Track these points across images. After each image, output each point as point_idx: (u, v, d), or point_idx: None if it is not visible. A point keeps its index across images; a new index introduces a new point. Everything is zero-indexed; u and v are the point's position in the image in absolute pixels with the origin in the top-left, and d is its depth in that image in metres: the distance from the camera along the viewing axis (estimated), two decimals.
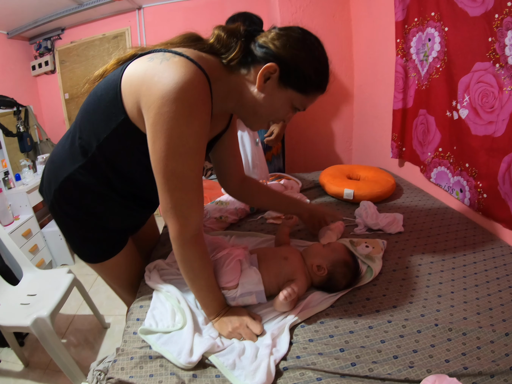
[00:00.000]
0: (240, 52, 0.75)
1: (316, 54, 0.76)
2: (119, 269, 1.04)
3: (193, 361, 0.71)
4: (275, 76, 0.73)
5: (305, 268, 0.95)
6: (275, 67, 0.72)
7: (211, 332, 0.81)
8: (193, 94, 0.64)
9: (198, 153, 0.71)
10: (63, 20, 2.70)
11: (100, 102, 0.75)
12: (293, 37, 0.74)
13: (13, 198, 2.42)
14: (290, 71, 0.73)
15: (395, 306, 0.90)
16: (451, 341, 0.77)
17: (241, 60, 0.76)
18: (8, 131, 2.47)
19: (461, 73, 1.25)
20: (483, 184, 1.23)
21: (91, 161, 0.80)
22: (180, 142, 0.66)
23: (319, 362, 0.72)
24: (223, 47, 0.76)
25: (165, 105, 0.63)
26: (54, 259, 2.68)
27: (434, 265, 1.07)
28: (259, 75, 0.73)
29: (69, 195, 0.87)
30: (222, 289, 0.87)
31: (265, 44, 0.74)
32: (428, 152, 1.59)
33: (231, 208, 1.40)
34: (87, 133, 0.79)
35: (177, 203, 0.72)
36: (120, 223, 0.97)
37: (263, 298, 0.89)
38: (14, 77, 2.75)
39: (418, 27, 1.53)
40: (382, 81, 2.03)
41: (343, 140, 2.72)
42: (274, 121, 0.85)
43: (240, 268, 0.90)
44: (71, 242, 0.99)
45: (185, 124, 0.65)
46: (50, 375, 1.64)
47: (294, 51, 0.73)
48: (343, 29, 2.37)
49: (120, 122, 0.73)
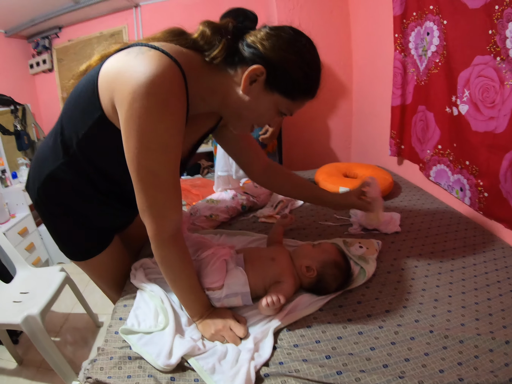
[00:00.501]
0: (224, 51, 0.70)
1: (306, 57, 0.71)
2: (104, 267, 1.03)
3: (171, 364, 0.69)
4: (261, 79, 0.70)
5: (294, 270, 0.91)
6: (262, 70, 0.68)
7: (193, 334, 0.78)
8: (165, 89, 0.61)
9: (172, 150, 0.68)
10: (61, 19, 2.68)
11: (79, 98, 0.74)
12: (283, 38, 0.70)
13: (10, 196, 2.42)
14: (278, 75, 0.69)
15: (388, 311, 0.85)
16: (447, 349, 0.73)
17: (227, 59, 0.72)
18: (5, 130, 2.46)
19: (461, 68, 1.20)
20: (484, 183, 1.19)
21: (72, 159, 0.79)
22: (152, 138, 0.64)
23: (303, 369, 0.68)
24: (206, 44, 0.71)
25: (136, 100, 0.60)
26: (51, 257, 2.67)
27: (431, 267, 1.03)
28: (245, 77, 0.69)
29: (52, 192, 0.86)
30: (207, 290, 0.84)
31: (253, 44, 0.70)
32: (427, 150, 1.54)
33: (222, 206, 1.37)
34: (68, 129, 0.77)
35: (153, 203, 0.69)
36: (105, 221, 0.96)
37: (248, 300, 0.86)
38: (12, 75, 2.75)
39: (417, 21, 1.48)
40: (380, 77, 1.99)
41: (342, 138, 2.67)
42: (258, 125, 0.82)
43: (226, 269, 0.87)
44: (56, 240, 0.97)
45: (157, 120, 0.63)
46: (43, 373, 1.63)
47: (283, 53, 0.69)
48: (341, 25, 2.32)
49: (96, 119, 0.70)
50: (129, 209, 0.98)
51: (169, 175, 0.69)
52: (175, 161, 0.70)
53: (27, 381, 1.59)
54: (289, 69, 0.69)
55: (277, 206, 1.41)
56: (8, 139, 2.55)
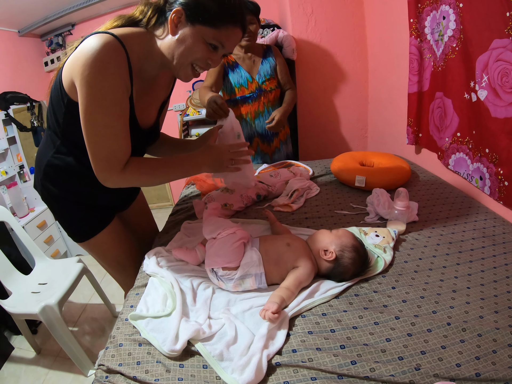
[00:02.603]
0: (154, 13, 0.85)
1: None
2: (105, 246, 1.12)
3: (176, 349, 0.69)
4: (183, 19, 0.80)
5: (311, 254, 0.91)
6: (181, 10, 0.79)
7: (198, 316, 0.79)
8: (107, 55, 0.74)
9: (119, 103, 0.80)
10: (73, 16, 2.71)
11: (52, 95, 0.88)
12: None
13: (28, 191, 2.48)
14: (194, 9, 0.79)
15: (404, 301, 0.83)
16: (464, 342, 0.70)
17: (158, 20, 0.85)
18: (22, 126, 2.52)
19: (479, 52, 1.15)
20: (504, 171, 1.14)
21: (61, 146, 0.93)
22: (101, 95, 0.76)
23: (316, 358, 0.67)
24: (141, 14, 0.87)
25: (86, 69, 0.73)
26: (69, 249, 2.75)
27: (449, 257, 1.00)
28: (169, 21, 0.80)
29: (52, 179, 0.99)
30: (222, 269, 0.87)
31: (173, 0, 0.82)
32: (445, 138, 1.49)
33: (237, 195, 1.36)
34: (52, 123, 0.92)
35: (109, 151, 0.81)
36: (103, 199, 1.08)
37: (263, 281, 0.86)
38: (27, 73, 2.80)
39: (432, 5, 1.42)
40: (396, 64, 1.93)
41: (358, 127, 2.62)
42: (197, 63, 0.87)
43: (244, 251, 0.89)
44: (63, 225, 1.09)
45: (103, 79, 0.75)
46: (60, 362, 1.68)
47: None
48: (355, 11, 2.26)
49: (66, 104, 0.83)
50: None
51: (120, 124, 0.81)
52: (123, 114, 0.82)
53: (45, 370, 1.65)
54: (202, 1, 0.79)
55: (292, 195, 1.40)
56: (25, 136, 2.61)
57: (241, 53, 1.76)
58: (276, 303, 0.76)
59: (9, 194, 2.30)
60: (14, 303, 1.53)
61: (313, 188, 1.50)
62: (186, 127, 2.98)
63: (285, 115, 1.69)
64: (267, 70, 1.77)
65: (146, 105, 0.98)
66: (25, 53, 2.81)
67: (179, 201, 1.56)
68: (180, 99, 2.97)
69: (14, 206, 2.32)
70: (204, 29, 0.80)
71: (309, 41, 2.31)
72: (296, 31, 2.29)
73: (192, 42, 0.81)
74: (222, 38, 0.82)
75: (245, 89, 1.76)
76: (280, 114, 1.66)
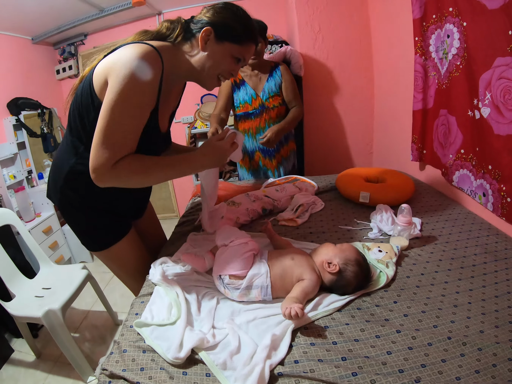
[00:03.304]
0: (182, 30, 0.94)
1: (239, 13, 0.94)
2: (126, 254, 1.14)
3: (180, 357, 0.70)
4: (212, 37, 0.91)
5: (315, 267, 0.93)
6: (210, 29, 0.90)
7: (202, 325, 0.80)
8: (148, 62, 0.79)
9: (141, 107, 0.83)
10: (86, 26, 2.79)
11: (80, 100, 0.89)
12: (218, 7, 0.94)
13: (35, 196, 2.52)
14: (222, 29, 0.91)
15: (406, 315, 0.84)
16: (464, 356, 0.71)
17: (184, 36, 0.94)
18: (32, 132, 2.57)
19: (482, 70, 1.18)
20: (506, 188, 1.15)
21: (85, 151, 0.92)
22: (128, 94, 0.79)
23: (318, 369, 0.68)
24: (168, 30, 0.95)
25: (125, 68, 0.77)
26: (73, 256, 2.76)
27: (451, 272, 1.00)
28: (200, 38, 0.90)
29: (75, 186, 0.99)
30: (229, 277, 0.88)
31: (200, 19, 0.93)
32: (449, 154, 1.51)
33: (243, 209, 1.38)
34: (76, 127, 0.92)
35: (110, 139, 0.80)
36: (123, 206, 1.10)
37: (268, 293, 0.88)
38: (39, 80, 2.87)
39: (437, 24, 1.46)
40: (401, 81, 1.97)
41: (364, 143, 2.65)
42: (222, 75, 0.97)
43: (253, 262, 0.92)
44: (81, 234, 1.10)
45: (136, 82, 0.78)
46: (60, 367, 1.68)
47: (222, 14, 0.92)
48: (362, 29, 2.32)
49: (96, 107, 0.85)
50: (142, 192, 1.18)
51: (134, 125, 0.84)
52: (141, 118, 0.85)
53: (44, 374, 1.65)
54: (229, 22, 0.92)
55: (297, 209, 1.42)
56: (35, 141, 2.66)
57: (248, 70, 1.80)
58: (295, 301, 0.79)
59: (17, 198, 2.34)
60: (17, 306, 1.55)
61: (318, 203, 1.52)
62: (194, 139, 3.03)
63: (278, 133, 1.68)
64: (271, 87, 1.79)
65: (164, 110, 1.03)
66: (38, 60, 2.89)
67: (185, 213, 1.58)
68: (188, 112, 3.03)
69: (21, 210, 2.36)
70: (231, 45, 0.93)
71: (316, 57, 2.36)
72: (303, 47, 2.35)
73: (221, 57, 0.93)
74: (244, 52, 0.96)
75: (249, 106, 1.80)
76: (272, 132, 1.65)
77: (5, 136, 2.47)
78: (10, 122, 2.45)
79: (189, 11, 2.79)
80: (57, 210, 2.64)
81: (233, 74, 0.99)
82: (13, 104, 2.50)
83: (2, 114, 2.48)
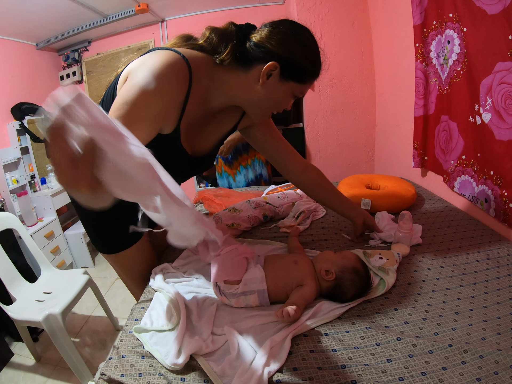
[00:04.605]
0: (231, 54, 0.80)
1: (309, 47, 0.81)
2: (133, 261, 1.10)
3: (178, 363, 0.69)
4: (276, 73, 0.79)
5: (315, 275, 0.92)
6: (276, 65, 0.78)
7: (202, 332, 0.79)
8: (168, 71, 0.69)
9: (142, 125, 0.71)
10: (90, 33, 2.83)
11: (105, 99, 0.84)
12: (286, 34, 0.79)
13: (38, 201, 2.54)
14: (290, 67, 0.79)
15: (406, 322, 0.83)
16: (466, 364, 0.70)
17: (238, 59, 0.81)
18: (36, 137, 2.59)
19: (482, 75, 1.18)
20: (508, 193, 1.14)
21: None
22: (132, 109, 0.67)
23: (317, 377, 0.67)
24: (213, 50, 0.82)
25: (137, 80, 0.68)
26: (75, 261, 2.76)
27: (453, 279, 0.99)
28: (262, 73, 0.79)
29: None
30: (224, 282, 0.87)
31: (261, 44, 0.79)
32: (451, 160, 1.50)
33: (244, 215, 1.38)
34: None
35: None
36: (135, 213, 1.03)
37: (265, 298, 0.87)
38: (43, 86, 2.91)
39: (437, 30, 1.47)
40: (403, 87, 1.97)
41: (365, 150, 2.66)
42: (277, 111, 0.90)
43: (246, 266, 0.90)
44: (93, 234, 1.07)
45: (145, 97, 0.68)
46: (59, 372, 1.68)
47: (290, 47, 0.78)
48: (363, 36, 2.34)
49: None
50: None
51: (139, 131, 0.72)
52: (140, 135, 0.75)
53: (44, 378, 1.65)
54: (298, 60, 0.79)
55: (298, 216, 1.41)
56: (38, 146, 2.69)
57: None
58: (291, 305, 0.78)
59: (19, 202, 2.35)
60: (18, 310, 1.55)
61: (319, 210, 1.51)
62: None
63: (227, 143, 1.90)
64: None
65: (206, 133, 0.96)
66: (42, 66, 2.92)
67: None
68: None
69: (23, 214, 2.37)
70: (295, 85, 0.83)
71: None
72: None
73: (282, 97, 0.84)
74: (305, 90, 0.88)
75: None
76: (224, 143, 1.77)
77: (9, 141, 2.49)
78: (14, 127, 2.47)
79: (192, 19, 2.84)
80: (59, 215, 2.65)
81: (286, 108, 0.91)
82: (17, 109, 2.53)
83: (6, 119, 2.51)
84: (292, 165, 1.18)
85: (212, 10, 2.81)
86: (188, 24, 2.84)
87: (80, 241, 2.69)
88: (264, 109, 0.87)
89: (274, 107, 0.88)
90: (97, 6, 2.42)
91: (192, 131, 0.87)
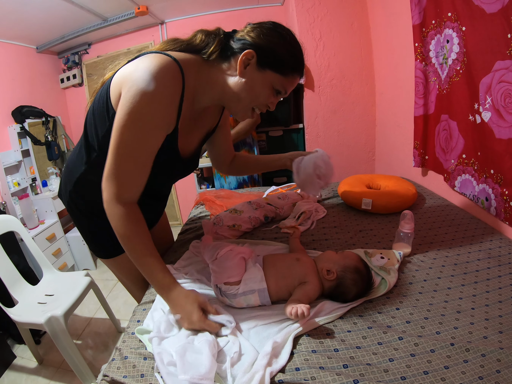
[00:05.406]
0: (218, 46, 0.82)
1: (288, 39, 0.82)
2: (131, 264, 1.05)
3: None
4: (253, 62, 0.80)
5: (317, 273, 0.92)
6: (253, 53, 0.79)
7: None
8: (162, 78, 0.71)
9: (154, 132, 0.75)
10: (90, 36, 2.84)
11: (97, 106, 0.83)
12: (266, 28, 0.81)
13: (39, 203, 2.54)
14: (267, 55, 0.80)
15: (408, 322, 0.83)
16: (468, 363, 0.69)
17: (221, 54, 0.83)
18: (36, 140, 2.60)
19: (482, 74, 1.18)
20: (509, 192, 1.14)
21: (97, 160, 0.86)
22: (139, 116, 0.71)
23: (319, 376, 0.67)
24: (201, 42, 0.83)
25: (136, 84, 0.69)
26: (77, 263, 2.77)
27: (454, 278, 0.99)
28: (239, 61, 0.79)
29: (83, 193, 0.97)
30: (224, 284, 0.87)
31: (242, 37, 0.81)
32: (451, 160, 1.50)
33: (245, 216, 1.38)
34: (91, 136, 0.87)
35: (122, 172, 0.76)
36: None
37: (266, 297, 0.87)
38: (43, 89, 2.92)
39: (436, 29, 1.47)
40: (402, 87, 1.97)
41: (366, 150, 2.66)
42: (258, 107, 0.88)
43: (245, 266, 0.90)
44: (87, 239, 1.08)
45: (149, 101, 0.70)
46: (62, 374, 1.68)
47: (268, 37, 0.80)
48: (362, 37, 2.34)
49: (111, 118, 0.78)
50: (155, 202, 1.08)
51: (143, 152, 0.77)
52: (153, 143, 0.77)
53: (46, 380, 1.66)
54: (275, 48, 0.80)
55: (299, 217, 1.42)
56: (39, 149, 2.70)
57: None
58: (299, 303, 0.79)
59: (21, 205, 2.36)
60: (20, 312, 1.56)
61: (320, 210, 1.52)
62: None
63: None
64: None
65: (191, 134, 0.96)
66: (42, 69, 2.94)
67: (188, 221, 1.58)
68: None
69: (24, 217, 2.37)
70: (273, 75, 0.81)
71: (317, 65, 2.38)
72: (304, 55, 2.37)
73: (261, 87, 0.82)
74: (287, 85, 0.85)
75: None
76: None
77: (10, 144, 2.50)
78: (15, 130, 2.48)
79: (191, 21, 2.84)
80: (60, 217, 2.66)
81: (269, 106, 0.88)
82: (17, 112, 2.54)
83: (7, 122, 2.52)
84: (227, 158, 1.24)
85: (211, 12, 2.82)
86: (187, 26, 2.82)
87: (82, 243, 2.69)
88: (244, 102, 0.84)
89: (253, 100, 0.85)
90: (96, 9, 2.43)
91: (182, 132, 0.87)
